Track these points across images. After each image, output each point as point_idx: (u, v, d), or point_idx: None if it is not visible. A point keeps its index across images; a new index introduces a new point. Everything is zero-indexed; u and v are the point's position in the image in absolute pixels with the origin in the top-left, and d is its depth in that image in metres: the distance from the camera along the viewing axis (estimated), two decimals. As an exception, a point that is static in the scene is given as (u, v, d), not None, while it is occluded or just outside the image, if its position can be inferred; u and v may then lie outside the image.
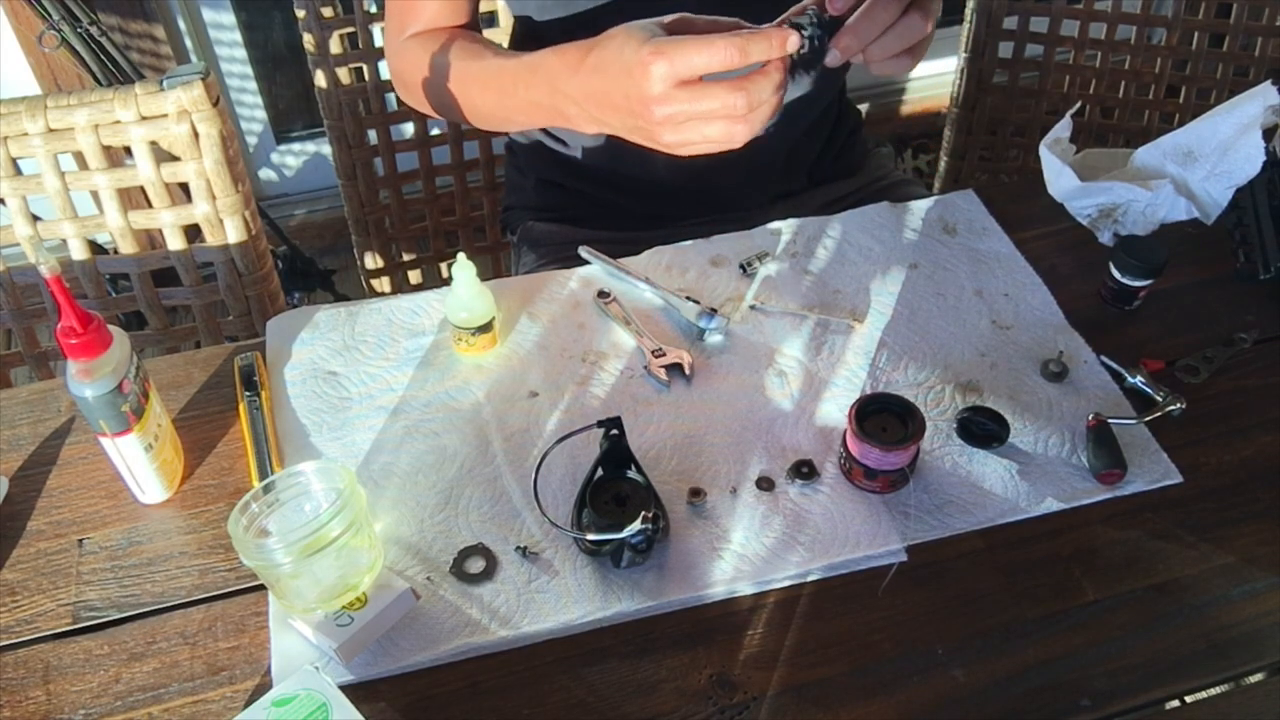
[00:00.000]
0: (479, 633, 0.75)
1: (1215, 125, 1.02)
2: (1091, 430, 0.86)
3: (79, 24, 1.61)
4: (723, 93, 0.70)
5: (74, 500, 0.85)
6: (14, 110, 1.03)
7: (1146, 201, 1.03)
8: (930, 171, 2.26)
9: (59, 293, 0.73)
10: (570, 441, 0.84)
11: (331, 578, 0.73)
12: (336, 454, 0.87)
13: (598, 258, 1.03)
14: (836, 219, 1.08)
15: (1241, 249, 1.02)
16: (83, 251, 1.15)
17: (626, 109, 0.74)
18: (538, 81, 0.83)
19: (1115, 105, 1.48)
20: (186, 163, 1.09)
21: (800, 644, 0.75)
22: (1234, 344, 0.95)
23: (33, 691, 0.73)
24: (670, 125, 0.73)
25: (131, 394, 0.78)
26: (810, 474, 0.84)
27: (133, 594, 0.79)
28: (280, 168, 2.26)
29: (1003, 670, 0.74)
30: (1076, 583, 0.78)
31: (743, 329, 0.97)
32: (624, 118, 0.76)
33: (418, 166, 1.41)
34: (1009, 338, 0.96)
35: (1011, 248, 1.05)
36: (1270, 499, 0.83)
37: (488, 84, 0.92)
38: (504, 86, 0.89)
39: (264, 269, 1.19)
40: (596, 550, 0.78)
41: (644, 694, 0.73)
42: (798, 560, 0.79)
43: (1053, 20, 1.43)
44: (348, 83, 1.30)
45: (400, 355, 0.95)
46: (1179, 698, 0.75)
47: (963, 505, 0.82)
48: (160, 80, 1.05)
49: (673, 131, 0.73)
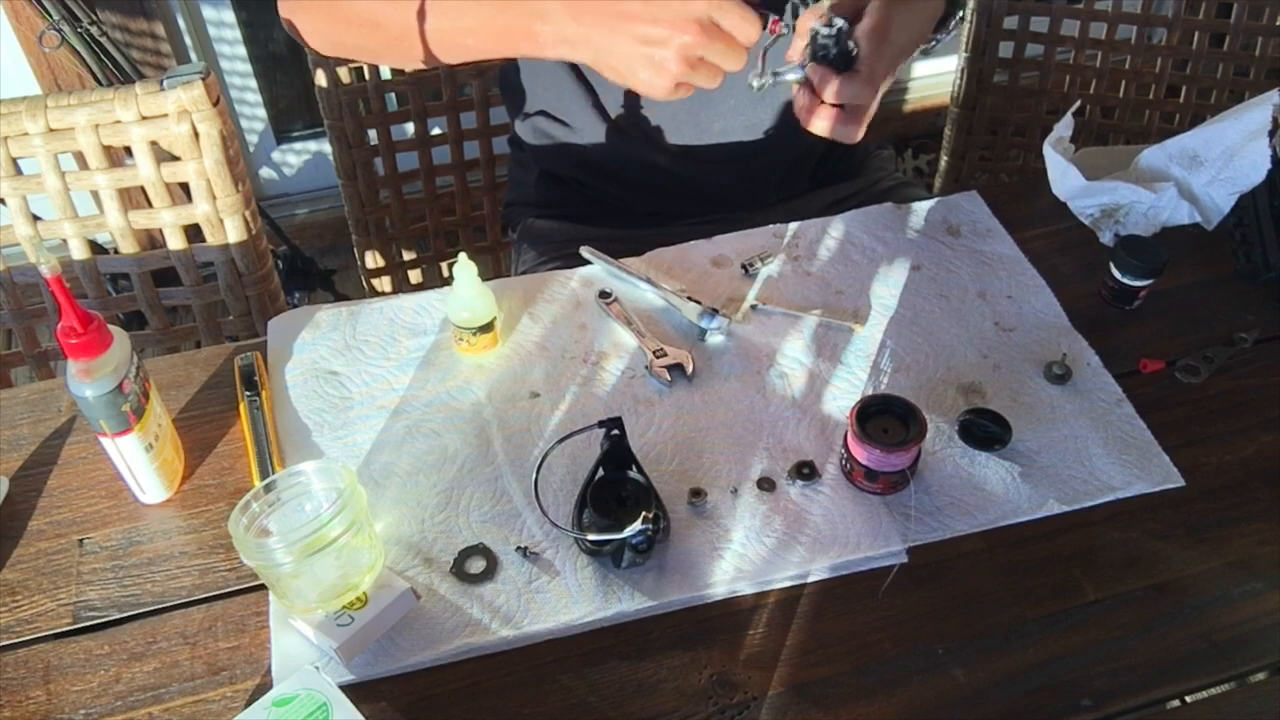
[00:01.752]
0: (479, 633, 0.75)
1: (1222, 130, 1.02)
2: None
3: (79, 23, 1.61)
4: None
5: (74, 500, 0.85)
6: (14, 110, 1.03)
7: (1149, 204, 1.03)
8: (930, 171, 2.26)
9: (59, 292, 0.73)
10: (571, 441, 0.84)
11: (332, 577, 0.73)
12: (337, 454, 0.87)
13: (599, 258, 1.03)
14: (839, 219, 1.08)
15: (1242, 249, 1.02)
16: (83, 251, 1.15)
17: (648, 17, 0.74)
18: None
19: (1115, 105, 1.48)
20: (187, 162, 1.09)
21: (800, 644, 0.75)
22: (1234, 344, 0.95)
23: (33, 691, 0.73)
24: (685, 57, 0.74)
25: (132, 394, 0.78)
26: (811, 475, 0.84)
27: (133, 594, 0.79)
28: (280, 167, 2.26)
29: (1003, 670, 0.74)
30: (1076, 583, 0.78)
31: (744, 329, 0.97)
32: (626, 30, 0.75)
33: (418, 166, 1.40)
34: (1012, 340, 0.96)
35: (1015, 249, 1.05)
36: (1270, 499, 0.83)
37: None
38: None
39: (264, 269, 1.19)
40: (597, 550, 0.78)
41: (644, 694, 0.73)
42: (798, 561, 0.79)
43: (1053, 20, 1.43)
44: (348, 82, 1.30)
45: (401, 355, 0.95)
46: (1179, 698, 0.75)
47: (964, 507, 0.82)
48: (160, 80, 1.05)
49: (681, 64, 0.74)
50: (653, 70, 0.76)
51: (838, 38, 0.78)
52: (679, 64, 0.75)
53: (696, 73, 0.76)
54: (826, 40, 0.78)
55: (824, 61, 0.79)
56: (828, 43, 0.79)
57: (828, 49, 0.79)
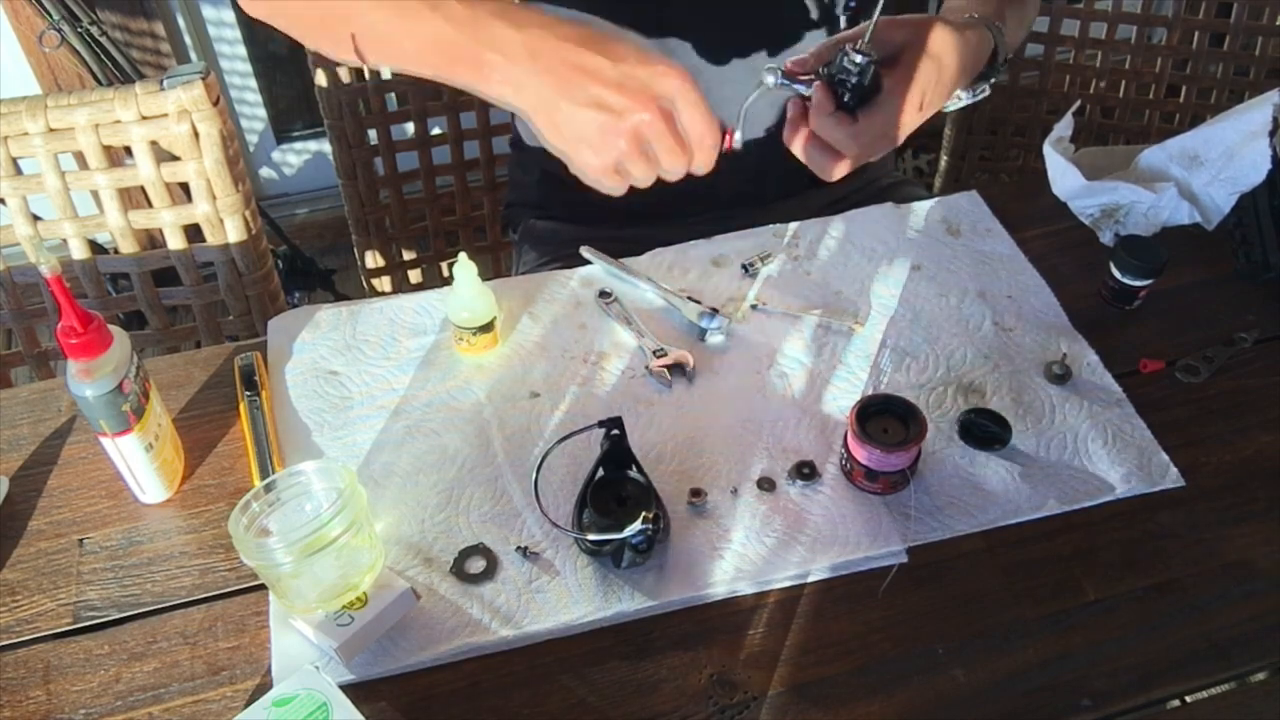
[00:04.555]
0: (479, 633, 0.75)
1: (1222, 130, 1.01)
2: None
3: (79, 23, 1.62)
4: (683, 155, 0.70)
5: (74, 500, 0.85)
6: (14, 110, 1.03)
7: (1150, 203, 1.03)
8: (930, 171, 2.26)
9: (59, 292, 0.73)
10: (571, 441, 0.84)
11: (332, 577, 0.73)
12: (337, 453, 0.87)
13: (599, 257, 1.03)
14: (839, 219, 1.08)
15: (1242, 249, 1.02)
16: (83, 251, 1.15)
17: (613, 81, 0.67)
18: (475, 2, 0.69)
19: (1115, 105, 1.48)
20: (187, 162, 1.09)
21: (800, 644, 0.75)
22: (1234, 343, 0.95)
23: (33, 691, 0.73)
24: (636, 136, 0.68)
25: (132, 394, 0.78)
26: (811, 475, 0.84)
27: (133, 594, 0.79)
28: (280, 167, 2.26)
29: (1003, 670, 0.74)
30: (1076, 583, 0.78)
31: (744, 329, 0.97)
32: (583, 89, 0.67)
33: (418, 166, 1.40)
34: (1012, 339, 0.96)
35: (1015, 249, 1.05)
36: (1270, 499, 0.83)
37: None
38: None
39: (264, 269, 1.19)
40: (597, 550, 0.78)
41: (644, 694, 0.73)
42: (798, 561, 0.79)
43: (1053, 20, 1.43)
44: (348, 82, 1.30)
45: (401, 355, 0.95)
46: (1179, 698, 0.75)
47: (964, 507, 0.82)
48: (160, 80, 1.05)
49: (631, 143, 0.68)
50: (598, 140, 0.68)
51: (861, 73, 0.74)
52: (629, 141, 0.68)
53: (636, 162, 0.69)
54: (849, 68, 0.74)
55: (838, 86, 0.76)
56: (847, 73, 0.75)
57: (846, 79, 0.75)
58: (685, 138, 0.70)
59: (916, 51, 0.78)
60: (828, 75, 0.76)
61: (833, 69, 0.76)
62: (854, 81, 0.75)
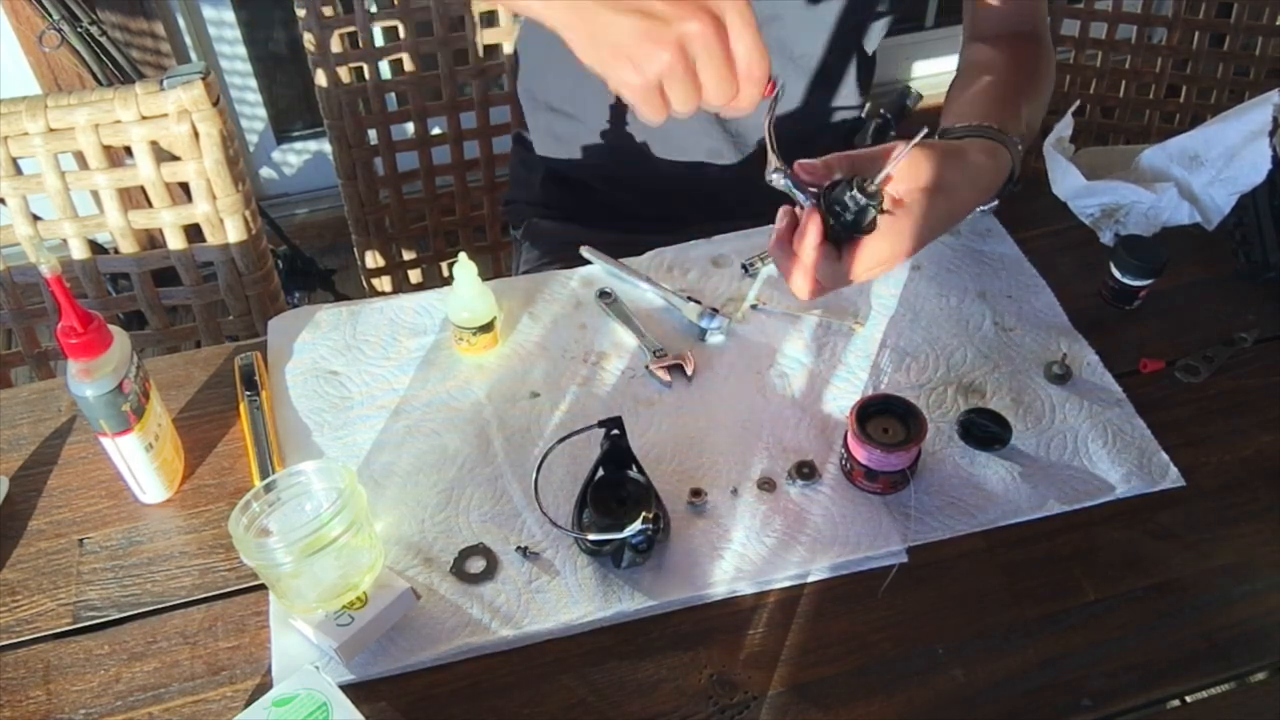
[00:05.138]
0: (479, 633, 0.75)
1: (1223, 131, 1.01)
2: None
3: (79, 23, 1.61)
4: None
5: (74, 500, 0.85)
6: (14, 110, 1.03)
7: (1150, 204, 1.03)
8: (930, 171, 2.26)
9: (59, 292, 0.73)
10: (571, 441, 0.84)
11: (332, 577, 0.73)
12: (337, 453, 0.87)
13: (599, 257, 1.03)
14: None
15: (1242, 249, 1.02)
16: (83, 251, 1.15)
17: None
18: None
19: (1115, 105, 1.48)
20: (186, 162, 1.09)
21: (800, 644, 0.75)
22: (1234, 343, 0.95)
23: (33, 691, 0.73)
24: (682, 48, 0.62)
25: (132, 394, 0.78)
26: (811, 475, 0.84)
27: (133, 594, 0.79)
28: (280, 167, 2.26)
29: (1003, 670, 0.74)
30: (1076, 583, 0.78)
31: (744, 329, 0.97)
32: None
33: (418, 166, 1.41)
34: (1012, 339, 0.96)
35: (1015, 249, 1.05)
36: (1270, 499, 0.83)
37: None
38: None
39: (264, 269, 1.19)
40: (597, 550, 0.78)
41: (644, 694, 0.73)
42: (798, 561, 0.79)
43: (1053, 20, 1.43)
44: (348, 82, 1.30)
45: (401, 355, 0.95)
46: (1179, 698, 0.75)
47: (964, 507, 0.82)
48: (160, 80, 1.05)
49: (676, 54, 0.62)
50: (639, 50, 0.61)
51: (858, 213, 0.72)
52: (674, 53, 0.61)
53: (681, 80, 0.63)
54: (848, 204, 0.72)
55: (832, 215, 0.73)
56: (844, 208, 0.72)
57: (842, 212, 0.72)
58: (733, 59, 0.63)
59: (933, 190, 0.75)
60: (827, 201, 0.73)
61: (834, 195, 0.73)
62: (848, 219, 0.73)
